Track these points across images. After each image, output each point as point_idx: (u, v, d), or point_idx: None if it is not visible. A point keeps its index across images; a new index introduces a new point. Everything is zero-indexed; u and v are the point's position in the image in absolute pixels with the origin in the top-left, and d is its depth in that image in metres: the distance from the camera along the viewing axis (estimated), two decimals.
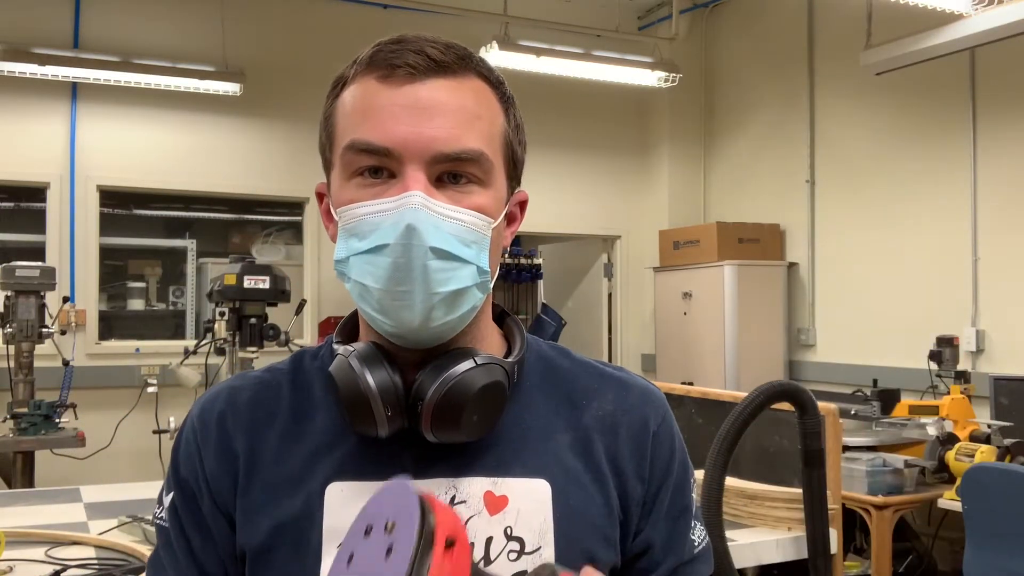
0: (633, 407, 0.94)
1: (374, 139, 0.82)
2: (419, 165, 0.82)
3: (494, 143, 0.87)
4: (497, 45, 4.92)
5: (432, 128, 0.82)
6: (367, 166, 0.84)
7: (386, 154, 0.82)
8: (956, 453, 3.74)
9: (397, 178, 0.83)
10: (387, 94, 0.84)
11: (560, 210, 6.44)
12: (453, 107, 0.84)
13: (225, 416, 0.90)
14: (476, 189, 0.85)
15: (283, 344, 4.47)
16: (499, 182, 0.88)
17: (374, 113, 0.83)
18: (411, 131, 0.82)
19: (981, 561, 3.20)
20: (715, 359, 5.73)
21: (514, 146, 0.91)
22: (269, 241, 6.56)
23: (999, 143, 4.80)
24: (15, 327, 4.29)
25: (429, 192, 0.82)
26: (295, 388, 0.92)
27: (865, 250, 5.50)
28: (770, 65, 6.19)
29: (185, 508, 0.90)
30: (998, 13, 4.08)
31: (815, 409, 2.10)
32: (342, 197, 0.85)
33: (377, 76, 0.85)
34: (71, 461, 4.73)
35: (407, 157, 0.82)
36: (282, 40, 5.76)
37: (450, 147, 0.82)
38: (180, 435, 0.93)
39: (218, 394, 0.93)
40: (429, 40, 0.86)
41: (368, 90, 0.85)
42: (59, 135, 5.33)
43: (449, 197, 0.83)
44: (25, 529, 2.26)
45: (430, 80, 0.84)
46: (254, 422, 0.90)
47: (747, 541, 2.42)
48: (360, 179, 0.84)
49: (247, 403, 0.91)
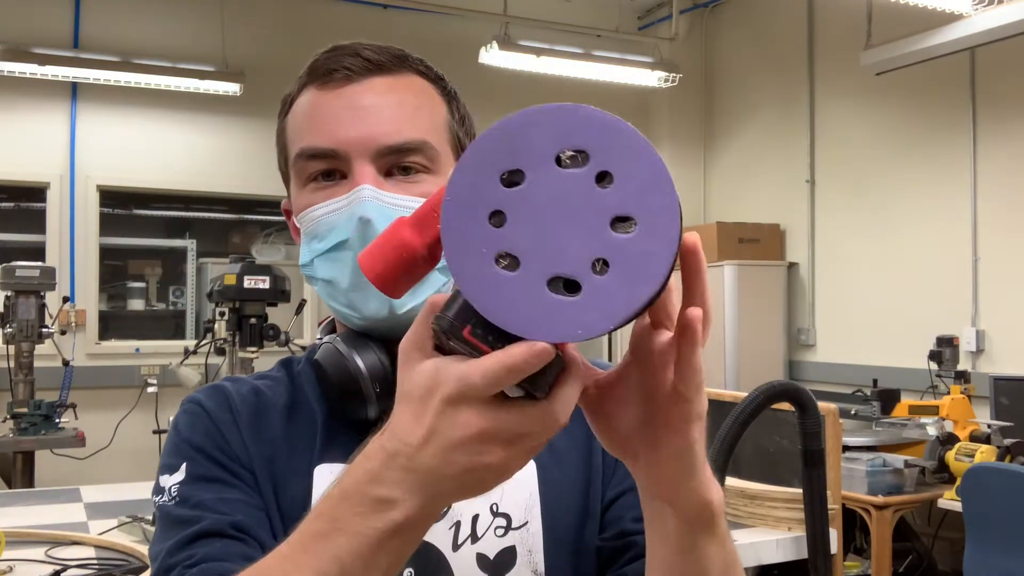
0: None
1: (320, 143, 0.85)
2: (366, 160, 0.84)
3: (439, 134, 0.89)
4: (497, 45, 4.93)
5: (373, 124, 0.85)
6: (319, 170, 0.86)
7: (334, 156, 0.85)
8: (956, 453, 3.74)
9: (348, 177, 0.85)
10: (328, 99, 0.87)
11: None
12: (393, 102, 0.86)
13: (229, 400, 0.89)
14: (425, 178, 0.87)
15: (283, 344, 4.46)
16: (447, 170, 0.89)
17: (318, 119, 0.86)
18: (353, 130, 0.85)
19: (981, 561, 3.20)
20: (715, 359, 5.73)
21: (459, 137, 0.92)
22: (269, 241, 6.56)
23: (999, 143, 4.80)
24: (15, 327, 4.29)
25: (379, 184, 0.84)
26: (286, 387, 0.93)
27: (865, 250, 5.50)
28: (770, 65, 6.19)
29: (210, 465, 0.83)
30: (998, 13, 4.08)
31: (815, 409, 2.09)
32: (300, 204, 0.88)
33: (317, 84, 0.88)
34: (71, 461, 4.73)
35: (353, 155, 0.85)
36: (282, 40, 5.76)
37: (392, 139, 0.85)
38: (179, 419, 0.88)
39: (218, 384, 0.93)
40: (364, 44, 0.89)
41: (311, 99, 0.88)
42: (59, 135, 5.33)
43: (399, 188, 0.85)
44: (25, 529, 2.26)
45: (367, 80, 0.87)
46: (258, 407, 0.89)
47: (747, 541, 2.42)
48: (314, 184, 0.87)
49: (251, 392, 0.91)
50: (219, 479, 0.83)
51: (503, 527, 0.87)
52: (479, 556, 0.85)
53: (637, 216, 0.53)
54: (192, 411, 0.88)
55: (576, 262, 0.53)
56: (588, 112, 0.54)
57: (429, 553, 0.84)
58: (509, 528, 0.87)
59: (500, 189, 0.54)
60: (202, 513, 0.80)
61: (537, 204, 0.54)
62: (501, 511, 0.87)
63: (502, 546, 0.86)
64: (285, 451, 0.87)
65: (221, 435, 0.85)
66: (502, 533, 0.86)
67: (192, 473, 0.83)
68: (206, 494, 0.81)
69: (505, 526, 0.87)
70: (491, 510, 0.87)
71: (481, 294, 0.54)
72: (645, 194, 0.53)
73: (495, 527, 0.86)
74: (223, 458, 0.84)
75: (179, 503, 0.81)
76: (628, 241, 0.53)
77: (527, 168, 0.54)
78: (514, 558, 0.86)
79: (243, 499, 0.82)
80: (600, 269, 0.53)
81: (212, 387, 0.92)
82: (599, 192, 0.53)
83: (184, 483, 0.83)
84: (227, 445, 0.85)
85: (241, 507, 0.81)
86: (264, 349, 4.47)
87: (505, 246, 0.54)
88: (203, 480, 0.83)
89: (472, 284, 0.54)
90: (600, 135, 0.53)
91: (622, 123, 0.53)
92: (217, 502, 0.81)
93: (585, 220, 0.53)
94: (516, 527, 0.87)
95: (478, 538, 0.86)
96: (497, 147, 0.54)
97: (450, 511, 0.86)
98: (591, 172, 0.53)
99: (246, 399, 0.89)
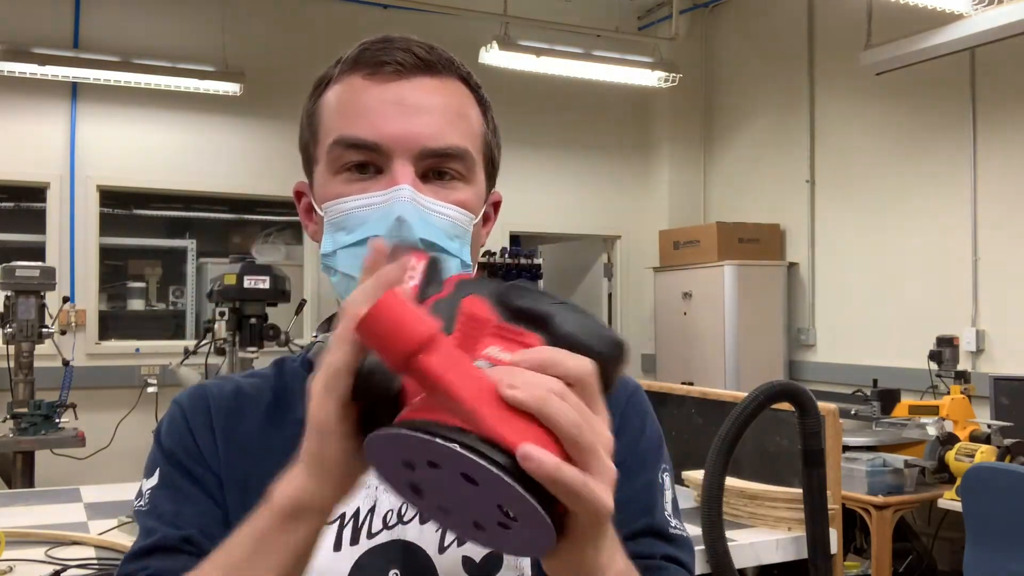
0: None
1: (362, 134, 0.83)
2: (407, 160, 0.83)
3: (476, 142, 0.88)
4: (497, 45, 4.92)
5: (419, 124, 0.83)
6: (354, 162, 0.85)
7: (374, 149, 0.83)
8: (956, 453, 3.74)
9: (384, 173, 0.84)
10: (374, 91, 0.85)
11: (560, 210, 6.44)
12: (439, 105, 0.85)
13: (209, 400, 0.89)
14: (460, 185, 0.86)
15: (283, 344, 4.46)
16: (480, 180, 0.89)
17: (362, 110, 0.84)
18: (399, 127, 0.83)
19: (981, 561, 3.20)
20: (715, 359, 5.73)
21: (492, 148, 0.92)
22: (269, 241, 6.56)
23: (999, 143, 4.80)
24: (15, 327, 4.29)
25: (417, 186, 0.83)
26: (277, 386, 0.91)
27: (865, 250, 5.50)
28: (770, 65, 6.19)
29: (176, 474, 0.85)
30: (998, 13, 4.08)
31: (815, 409, 2.10)
32: (327, 192, 0.86)
33: (363, 74, 0.86)
34: (71, 461, 4.73)
35: (395, 152, 0.83)
36: (282, 40, 5.76)
37: (436, 143, 0.84)
38: (163, 421, 0.90)
39: (203, 384, 0.92)
40: (415, 40, 0.88)
41: (355, 88, 0.86)
42: (59, 135, 5.33)
43: (434, 192, 0.84)
44: (25, 529, 2.26)
45: (416, 78, 0.85)
46: (237, 407, 0.89)
47: (747, 541, 2.42)
48: (347, 174, 0.85)
49: (232, 392, 0.90)
50: (182, 489, 0.84)
51: None
52: (465, 559, 0.84)
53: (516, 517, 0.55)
54: (171, 414, 0.89)
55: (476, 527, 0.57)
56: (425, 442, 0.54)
57: (415, 555, 0.83)
58: None
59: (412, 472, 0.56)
60: (159, 526, 0.82)
61: (443, 487, 0.56)
62: None
63: (487, 549, 0.84)
64: (258, 455, 0.85)
65: (193, 440, 0.86)
66: None
67: (163, 480, 0.85)
68: (168, 505, 0.83)
69: None
70: None
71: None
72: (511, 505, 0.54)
73: None
74: (191, 464, 0.85)
75: (147, 512, 0.84)
76: (514, 533, 0.56)
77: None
78: (500, 562, 0.84)
79: (201, 511, 0.83)
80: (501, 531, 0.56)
81: (194, 388, 0.91)
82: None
83: (155, 489, 0.85)
84: (197, 450, 0.85)
85: (198, 519, 0.82)
86: (264, 349, 4.47)
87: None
88: (170, 488, 0.84)
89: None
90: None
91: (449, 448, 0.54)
92: (175, 516, 0.82)
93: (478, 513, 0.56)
94: None
95: (463, 541, 0.84)
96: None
97: None
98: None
99: (225, 400, 0.88)
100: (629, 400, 0.93)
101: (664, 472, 0.93)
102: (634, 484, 0.88)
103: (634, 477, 0.89)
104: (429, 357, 0.53)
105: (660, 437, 0.94)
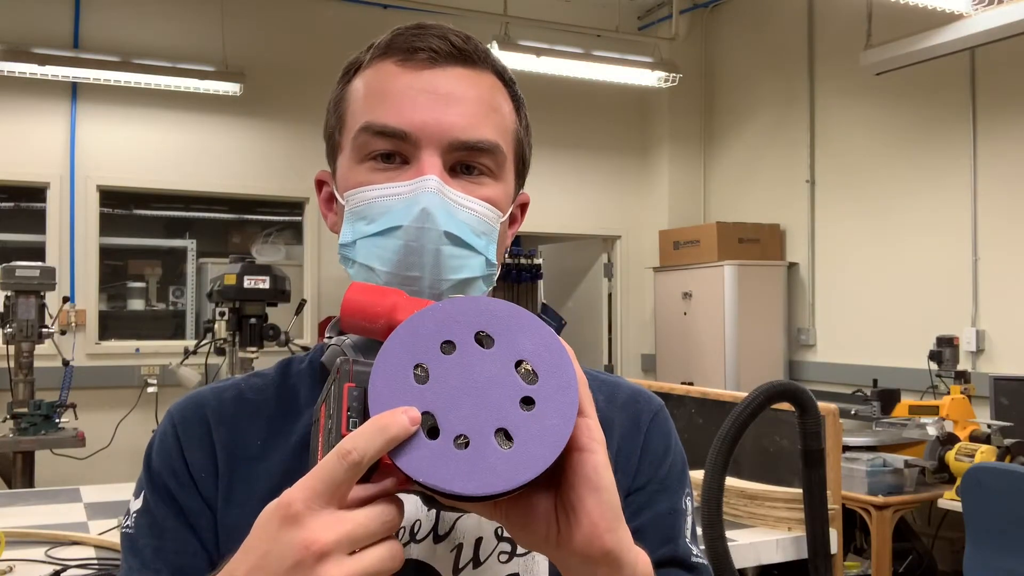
0: (625, 405, 0.91)
1: (391, 122, 0.80)
2: (435, 151, 0.80)
3: (507, 138, 0.85)
4: (497, 45, 4.92)
5: (451, 115, 0.80)
6: (381, 150, 0.81)
7: (403, 138, 0.80)
8: (956, 453, 3.74)
9: (411, 164, 0.81)
10: (406, 78, 0.82)
11: (560, 210, 6.44)
12: (472, 97, 0.82)
13: (206, 410, 0.85)
14: (488, 181, 0.83)
15: (283, 344, 4.46)
16: (509, 178, 0.86)
17: (392, 96, 0.81)
18: (429, 116, 0.80)
19: (981, 561, 3.20)
20: (715, 359, 5.74)
21: (524, 146, 0.89)
22: (269, 241, 6.56)
23: (999, 143, 4.80)
24: (15, 327, 4.29)
25: (444, 179, 0.80)
26: (282, 388, 0.88)
27: (865, 250, 5.50)
28: (770, 65, 6.19)
29: (159, 503, 0.83)
30: (998, 13, 4.08)
31: (815, 409, 2.10)
32: (351, 180, 0.83)
33: (396, 60, 0.83)
34: (71, 461, 4.73)
35: (424, 142, 0.80)
36: (282, 40, 5.76)
37: (468, 135, 0.81)
38: (154, 437, 0.87)
39: (200, 392, 0.89)
40: (451, 28, 0.85)
41: (386, 74, 0.83)
42: (59, 135, 5.34)
43: (462, 187, 0.81)
44: (25, 529, 2.26)
45: (450, 68, 0.83)
46: (237, 416, 0.85)
47: (747, 541, 2.42)
48: (372, 163, 0.82)
49: (232, 400, 0.86)
50: (162, 523, 0.82)
51: (507, 552, 0.82)
52: None
53: (541, 398, 0.60)
54: (163, 430, 0.86)
55: (484, 429, 0.59)
56: (493, 304, 0.63)
57: (429, 575, 0.81)
58: (513, 554, 0.82)
59: (435, 354, 0.61)
60: (136, 564, 0.81)
61: (461, 375, 0.61)
62: (506, 536, 0.82)
63: (505, 572, 0.82)
64: (260, 469, 0.83)
65: (183, 460, 0.83)
66: (506, 559, 0.82)
67: (145, 506, 0.83)
68: (147, 539, 0.82)
69: (509, 551, 0.82)
70: (496, 534, 0.82)
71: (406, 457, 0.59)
72: (550, 376, 0.61)
73: (499, 552, 0.82)
74: (177, 488, 0.82)
75: (129, 540, 0.83)
76: (533, 417, 0.60)
77: (457, 341, 0.61)
78: None
79: (178, 549, 0.81)
80: (507, 437, 0.59)
81: (190, 397, 0.88)
82: (514, 376, 0.61)
83: (139, 514, 0.83)
84: (185, 472, 0.83)
85: (175, 559, 0.81)
86: (264, 349, 4.47)
87: (425, 405, 0.60)
88: (151, 518, 0.83)
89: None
90: (506, 322, 0.62)
91: (521, 311, 0.62)
92: (154, 553, 0.81)
93: (498, 395, 0.60)
94: (520, 554, 0.83)
95: (480, 563, 0.82)
96: (430, 325, 0.62)
97: (452, 533, 0.81)
98: (508, 356, 0.61)
99: (225, 409, 0.85)
100: (653, 421, 0.90)
101: (687, 497, 0.91)
102: (656, 509, 0.87)
103: (656, 502, 0.87)
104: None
105: (684, 461, 0.92)
